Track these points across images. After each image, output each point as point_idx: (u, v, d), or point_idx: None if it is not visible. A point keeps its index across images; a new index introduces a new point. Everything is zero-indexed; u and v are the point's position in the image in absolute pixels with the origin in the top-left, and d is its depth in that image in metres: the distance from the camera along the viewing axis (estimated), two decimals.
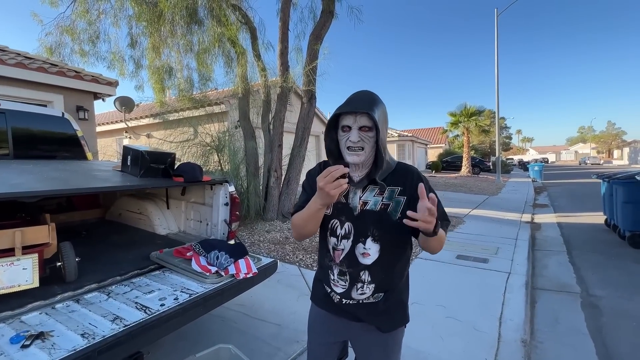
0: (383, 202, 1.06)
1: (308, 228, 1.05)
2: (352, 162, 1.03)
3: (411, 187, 1.05)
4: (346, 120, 1.03)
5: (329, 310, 1.18)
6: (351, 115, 1.02)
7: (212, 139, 6.30)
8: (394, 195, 1.06)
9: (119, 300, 1.64)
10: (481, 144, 32.54)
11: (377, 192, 1.07)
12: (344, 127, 1.04)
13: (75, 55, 7.56)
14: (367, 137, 1.02)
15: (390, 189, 1.07)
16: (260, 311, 2.80)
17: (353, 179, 1.08)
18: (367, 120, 1.00)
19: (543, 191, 13.20)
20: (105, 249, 2.35)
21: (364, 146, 1.02)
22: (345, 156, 1.04)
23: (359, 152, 1.02)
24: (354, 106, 1.01)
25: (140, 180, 2.15)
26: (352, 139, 1.01)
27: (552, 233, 6.04)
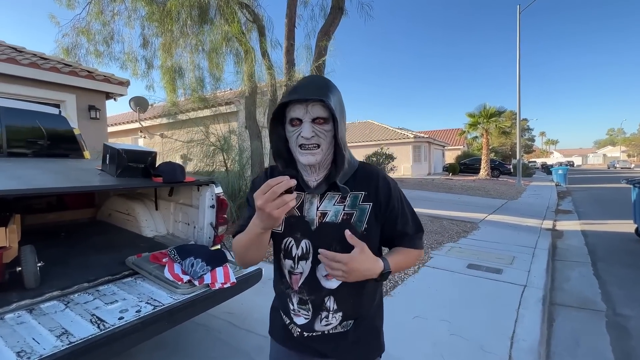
0: (345, 212, 0.88)
1: (250, 255, 0.85)
2: (307, 163, 0.83)
3: (377, 191, 0.89)
4: (295, 111, 0.82)
5: (288, 347, 0.99)
6: (301, 105, 0.81)
7: (217, 138, 6.23)
8: (357, 202, 0.88)
9: (75, 311, 1.51)
10: (501, 146, 31.46)
11: (337, 200, 0.88)
12: (293, 120, 0.83)
13: (91, 55, 7.70)
14: (322, 131, 0.82)
15: (352, 194, 0.89)
16: (249, 320, 2.63)
17: (309, 184, 0.89)
18: (322, 109, 0.81)
19: (567, 196, 12.48)
20: (83, 251, 2.24)
21: (320, 142, 0.82)
22: (298, 156, 0.84)
23: (314, 151, 0.82)
24: (304, 93, 0.80)
25: (116, 180, 2.03)
26: (305, 134, 0.80)
27: (575, 242, 5.60)
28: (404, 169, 21.55)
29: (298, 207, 0.90)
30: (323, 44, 5.55)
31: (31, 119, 3.15)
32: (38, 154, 3.04)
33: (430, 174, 23.25)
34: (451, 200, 10.01)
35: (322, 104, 0.81)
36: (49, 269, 1.82)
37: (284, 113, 0.87)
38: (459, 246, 4.99)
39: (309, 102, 0.81)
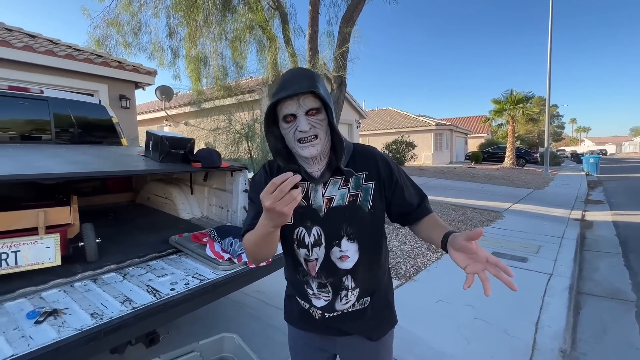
0: (350, 193, 0.91)
1: (263, 253, 0.85)
2: (309, 156, 0.85)
3: (377, 169, 0.93)
4: (287, 108, 0.83)
5: (309, 330, 1.04)
6: (293, 101, 0.82)
7: (241, 126, 6.38)
8: (360, 182, 0.92)
9: (132, 282, 1.68)
10: (528, 133, 30.21)
11: (341, 184, 0.91)
12: (286, 117, 0.84)
13: (120, 46, 7.98)
14: (318, 122, 0.84)
15: (354, 176, 0.92)
16: (279, 299, 2.77)
17: (313, 175, 0.90)
18: (314, 100, 0.83)
19: (598, 186, 11.97)
20: (129, 231, 2.44)
21: (318, 133, 0.84)
22: (299, 151, 0.85)
23: (313, 142, 0.84)
24: (294, 87, 0.80)
25: (159, 165, 2.18)
26: (302, 127, 0.82)
27: (605, 232, 5.44)
28: (424, 157, 21.19)
29: (303, 197, 0.92)
30: (347, 30, 5.51)
31: (75, 108, 3.36)
32: (82, 141, 3.26)
33: (452, 162, 22.76)
34: (474, 189, 9.83)
35: (312, 95, 0.82)
36: (104, 246, 2.01)
37: (275, 113, 0.88)
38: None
39: (300, 96, 0.82)
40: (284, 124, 0.85)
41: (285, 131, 0.86)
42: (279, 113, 0.85)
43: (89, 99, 3.59)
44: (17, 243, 1.54)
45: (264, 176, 0.97)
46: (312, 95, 0.82)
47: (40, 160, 1.91)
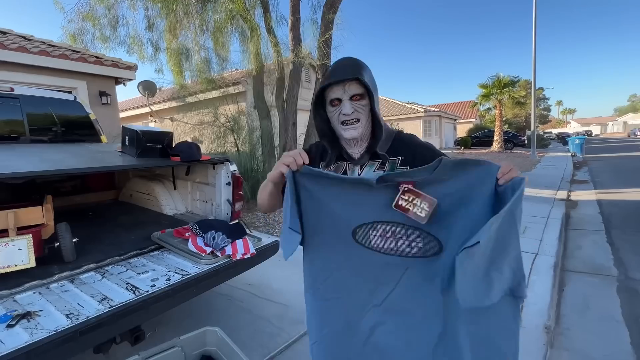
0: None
1: (261, 197, 1.04)
2: (350, 137, 0.94)
3: (413, 155, 0.96)
4: (334, 92, 0.92)
5: None
6: (339, 86, 0.91)
7: (226, 119, 6.28)
8: (395, 167, 0.96)
9: (112, 280, 1.64)
10: (516, 117, 30.54)
11: (377, 167, 0.97)
12: (332, 101, 0.93)
13: (97, 41, 7.68)
14: (360, 107, 0.92)
15: (391, 160, 0.96)
16: (268, 291, 2.78)
17: (353, 156, 0.99)
18: (358, 87, 0.91)
19: (583, 166, 12.21)
20: (111, 229, 2.38)
21: (360, 117, 0.93)
22: (341, 132, 0.95)
23: (355, 125, 0.93)
24: (341, 74, 0.90)
25: (136, 160, 2.12)
26: (346, 111, 0.91)
27: (589, 211, 5.56)
28: None
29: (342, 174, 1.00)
30: (329, 17, 5.42)
31: (49, 106, 3.25)
32: (58, 140, 3.16)
33: (442, 148, 22.91)
34: None
35: (357, 82, 0.90)
36: (83, 246, 1.95)
37: (322, 97, 0.97)
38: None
39: (346, 82, 0.90)
40: (330, 107, 0.95)
41: (331, 114, 0.96)
42: (327, 97, 0.95)
43: (64, 96, 3.47)
44: None
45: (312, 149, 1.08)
46: (357, 82, 0.90)
47: (9, 159, 1.84)
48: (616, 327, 2.33)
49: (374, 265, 0.82)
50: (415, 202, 0.75)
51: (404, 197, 0.76)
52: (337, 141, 1.01)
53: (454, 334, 0.75)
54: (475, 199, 0.75)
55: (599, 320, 2.43)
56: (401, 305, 0.80)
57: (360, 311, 0.85)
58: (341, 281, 0.87)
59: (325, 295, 0.91)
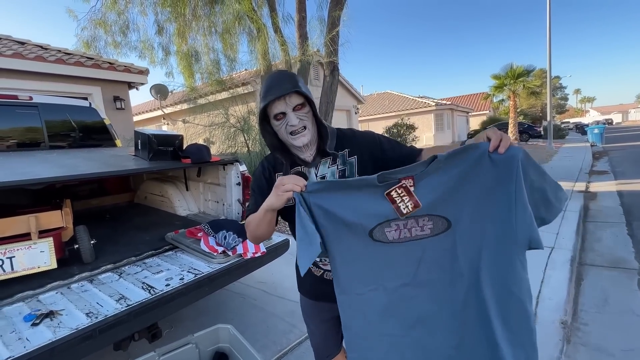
0: (339, 169, 1.06)
1: (260, 230, 1.00)
2: (302, 145, 1.00)
3: (357, 146, 1.06)
4: (276, 107, 0.98)
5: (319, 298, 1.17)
6: (280, 101, 0.96)
7: (236, 120, 6.35)
8: (345, 159, 1.06)
9: (128, 280, 1.70)
10: (531, 108, 29.70)
11: (330, 163, 1.06)
12: (277, 115, 0.98)
13: (109, 47, 7.89)
14: (304, 115, 0.99)
15: (340, 154, 1.06)
16: (280, 289, 2.82)
17: (306, 160, 1.06)
18: (298, 97, 0.98)
19: (603, 156, 11.80)
20: (126, 231, 2.46)
21: (306, 124, 1.00)
22: (292, 142, 1.00)
23: (303, 132, 0.99)
24: (279, 90, 0.95)
25: (149, 163, 2.18)
26: (292, 122, 0.97)
27: (609, 203, 5.38)
28: (426, 138, 21.01)
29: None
30: (336, 14, 5.40)
31: (66, 112, 3.36)
32: (75, 145, 3.27)
33: (454, 142, 22.54)
34: None
35: (296, 93, 0.96)
36: (101, 247, 2.03)
37: (265, 114, 1.01)
38: None
39: (286, 96, 0.96)
40: (275, 121, 1.00)
41: (277, 127, 1.01)
42: (270, 113, 0.99)
43: (79, 102, 3.58)
44: (11, 249, 1.56)
45: (261, 171, 1.12)
46: (296, 93, 0.96)
47: (28, 166, 1.92)
48: (636, 322, 2.26)
49: (396, 254, 0.89)
50: (404, 199, 0.82)
51: (397, 191, 0.82)
52: (288, 150, 1.06)
53: (478, 289, 0.85)
54: (475, 175, 0.82)
55: (618, 315, 2.37)
56: (428, 278, 0.88)
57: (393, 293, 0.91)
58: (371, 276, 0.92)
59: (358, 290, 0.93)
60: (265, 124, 1.04)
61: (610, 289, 2.71)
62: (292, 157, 1.06)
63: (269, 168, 1.11)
